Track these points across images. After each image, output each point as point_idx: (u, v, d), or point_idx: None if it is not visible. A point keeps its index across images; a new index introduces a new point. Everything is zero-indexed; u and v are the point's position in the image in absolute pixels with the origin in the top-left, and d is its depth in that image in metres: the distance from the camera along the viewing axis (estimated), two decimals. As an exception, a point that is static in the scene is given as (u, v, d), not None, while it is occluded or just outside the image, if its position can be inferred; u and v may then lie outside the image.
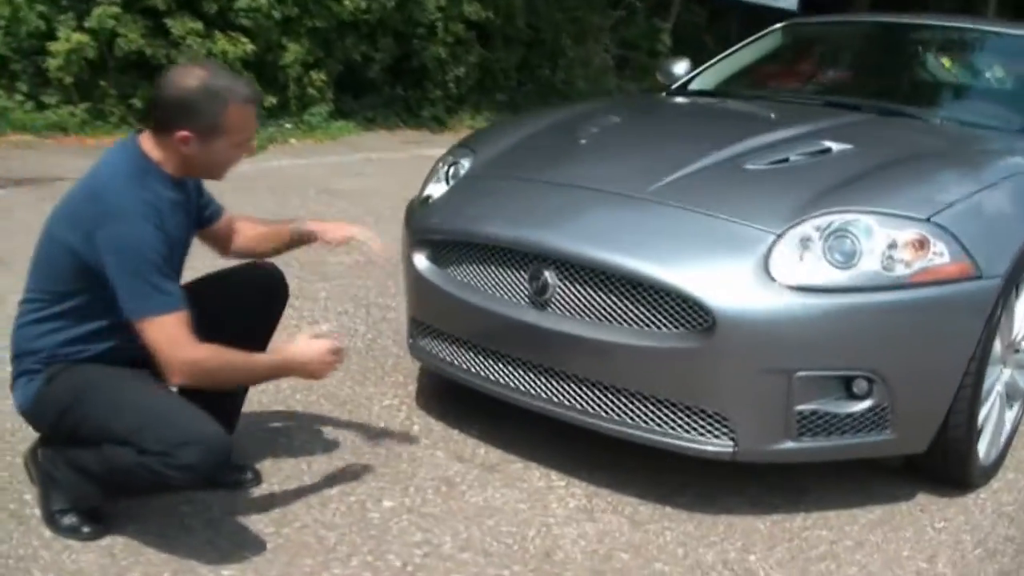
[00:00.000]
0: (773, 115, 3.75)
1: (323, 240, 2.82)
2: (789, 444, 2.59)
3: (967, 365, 2.66)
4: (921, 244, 2.56)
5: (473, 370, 2.96)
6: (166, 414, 2.22)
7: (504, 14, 11.09)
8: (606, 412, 2.70)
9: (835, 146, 3.08)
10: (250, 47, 8.50)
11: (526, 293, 2.80)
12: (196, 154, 2.27)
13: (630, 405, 2.66)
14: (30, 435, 2.53)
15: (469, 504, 2.69)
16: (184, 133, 2.22)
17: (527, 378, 2.82)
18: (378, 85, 10.09)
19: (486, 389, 2.93)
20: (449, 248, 3.03)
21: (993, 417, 2.92)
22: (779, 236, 2.58)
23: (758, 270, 2.53)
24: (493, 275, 2.89)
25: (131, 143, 2.30)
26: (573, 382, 2.74)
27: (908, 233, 2.57)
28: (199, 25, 8.32)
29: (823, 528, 2.69)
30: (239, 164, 2.42)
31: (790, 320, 2.50)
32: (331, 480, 2.77)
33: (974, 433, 2.79)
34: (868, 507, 2.81)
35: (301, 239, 2.81)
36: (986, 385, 2.80)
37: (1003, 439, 3.05)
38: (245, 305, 2.63)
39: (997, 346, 2.81)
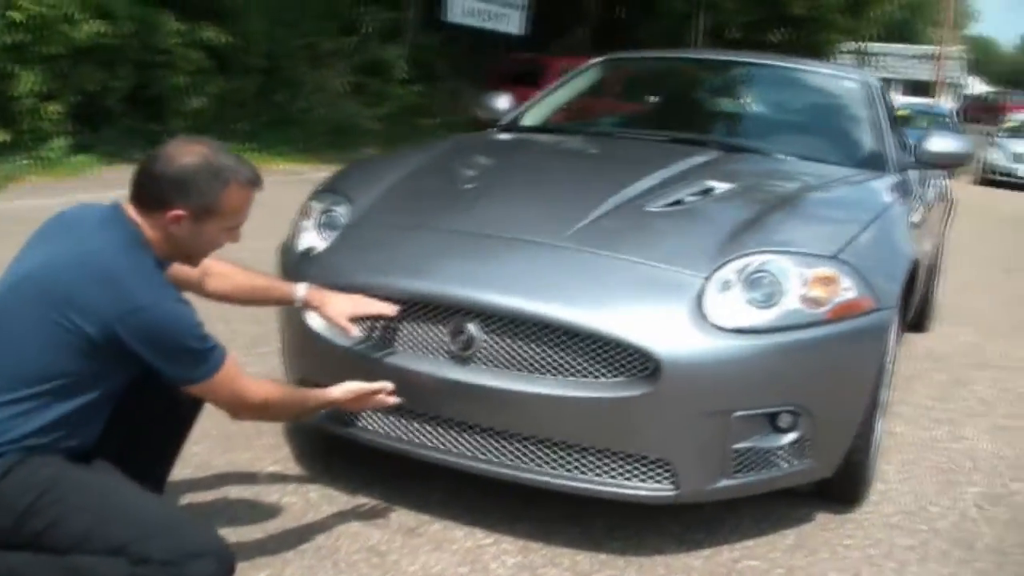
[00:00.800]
0: (640, 154, 3.82)
1: (323, 315, 2.73)
2: (724, 482, 2.65)
3: (871, 391, 2.85)
4: (831, 280, 2.70)
5: (383, 431, 2.80)
6: (168, 521, 1.97)
7: (243, 39, 10.71)
8: (540, 465, 2.64)
9: (717, 185, 3.19)
10: (-26, 73, 7.67)
11: (445, 348, 2.68)
12: (185, 235, 2.06)
13: (566, 456, 2.61)
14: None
15: (409, 575, 2.54)
16: (178, 212, 2.02)
17: (450, 436, 2.70)
18: (116, 116, 9.41)
19: (403, 451, 2.77)
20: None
21: (877, 435, 3.14)
22: (707, 279, 2.64)
23: (694, 314, 2.57)
24: (405, 330, 2.74)
25: (122, 217, 2.04)
26: (503, 437, 2.65)
27: (820, 271, 2.70)
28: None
29: (751, 559, 2.77)
30: None
31: (728, 362, 2.55)
32: (249, 560, 2.50)
33: (871, 452, 2.98)
34: (780, 532, 2.93)
35: (302, 306, 2.77)
36: (875, 406, 3.00)
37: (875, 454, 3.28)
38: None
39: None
